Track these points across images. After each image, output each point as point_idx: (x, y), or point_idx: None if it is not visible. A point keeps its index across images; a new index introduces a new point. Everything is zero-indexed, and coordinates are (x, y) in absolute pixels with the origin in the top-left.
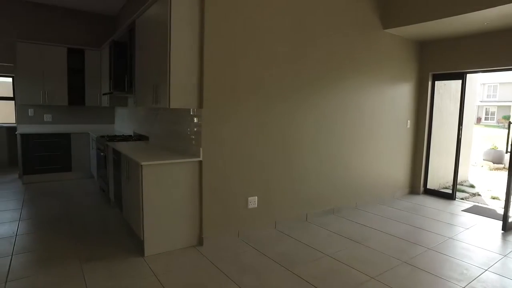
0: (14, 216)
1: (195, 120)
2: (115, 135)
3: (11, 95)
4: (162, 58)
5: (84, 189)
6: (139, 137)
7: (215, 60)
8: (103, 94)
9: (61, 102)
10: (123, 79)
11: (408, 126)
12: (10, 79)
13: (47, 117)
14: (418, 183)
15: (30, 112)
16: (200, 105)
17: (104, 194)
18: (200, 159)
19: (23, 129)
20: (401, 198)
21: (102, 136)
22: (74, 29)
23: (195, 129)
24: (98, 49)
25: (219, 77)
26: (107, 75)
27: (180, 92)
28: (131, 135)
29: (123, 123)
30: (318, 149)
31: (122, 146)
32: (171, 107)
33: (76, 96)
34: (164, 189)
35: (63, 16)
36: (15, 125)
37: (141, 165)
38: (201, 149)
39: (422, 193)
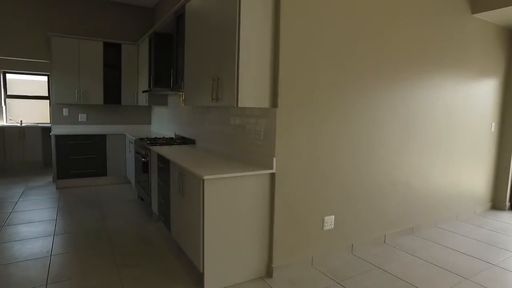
0: (48, 229)
1: (265, 122)
2: (156, 138)
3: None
4: (227, 46)
5: (121, 197)
6: (184, 140)
7: (292, 48)
8: (143, 92)
9: (96, 101)
10: (165, 75)
11: (492, 130)
12: (46, 78)
13: (82, 117)
14: (502, 197)
15: (65, 111)
16: (274, 103)
17: (144, 203)
18: (273, 171)
19: (58, 129)
20: (483, 214)
21: (142, 139)
22: (109, 22)
23: (265, 133)
24: (135, 43)
25: (296, 69)
26: (145, 71)
27: (251, 87)
28: (172, 138)
29: (162, 123)
30: (395, 157)
31: (168, 152)
32: (239, 105)
33: (112, 94)
34: (229, 208)
35: (98, 8)
36: (49, 125)
37: (203, 180)
38: (274, 158)
39: (508, 209)
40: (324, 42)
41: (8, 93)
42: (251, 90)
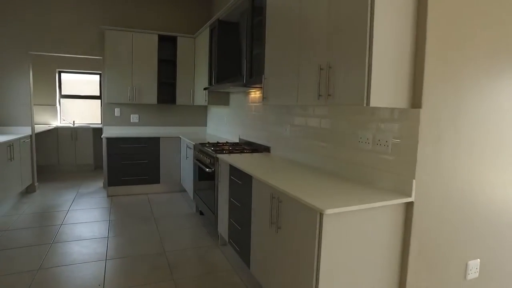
0: (99, 250)
1: (397, 127)
2: (218, 143)
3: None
4: (348, 19)
5: (177, 209)
6: (253, 147)
7: (443, 25)
8: (204, 89)
9: (149, 100)
10: (231, 69)
11: None
12: (97, 77)
13: (134, 117)
14: None
15: (117, 111)
16: (416, 103)
17: (204, 219)
18: (411, 199)
19: (109, 131)
20: None
21: (203, 144)
22: (164, 13)
23: (395, 144)
24: (192, 36)
25: (447, 54)
26: (203, 67)
27: (386, 79)
28: (237, 143)
29: (220, 126)
30: None
31: (243, 163)
32: (371, 105)
33: (166, 93)
34: (349, 253)
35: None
36: (100, 126)
37: (322, 214)
38: (413, 181)
39: None
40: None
41: (62, 93)
42: (386, 84)
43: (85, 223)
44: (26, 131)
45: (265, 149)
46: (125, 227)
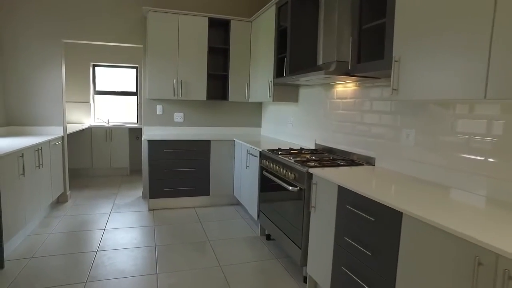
0: None
1: None
2: (291, 149)
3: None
4: None
5: (235, 230)
6: (339, 155)
7: None
8: (271, 81)
9: (198, 96)
10: (307, 55)
11: None
12: (134, 71)
13: (178, 116)
14: None
15: (159, 109)
16: None
17: (275, 246)
18: None
19: (149, 132)
20: None
21: (273, 151)
22: None
23: None
24: (248, 20)
25: None
26: (265, 54)
27: None
28: (315, 150)
29: (283, 127)
30: None
31: (361, 185)
32: None
33: (215, 87)
34: None
35: None
36: (135, 125)
37: None
38: None
39: None
40: None
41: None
42: None
43: (126, 250)
44: (57, 131)
45: (365, 160)
46: (176, 258)
